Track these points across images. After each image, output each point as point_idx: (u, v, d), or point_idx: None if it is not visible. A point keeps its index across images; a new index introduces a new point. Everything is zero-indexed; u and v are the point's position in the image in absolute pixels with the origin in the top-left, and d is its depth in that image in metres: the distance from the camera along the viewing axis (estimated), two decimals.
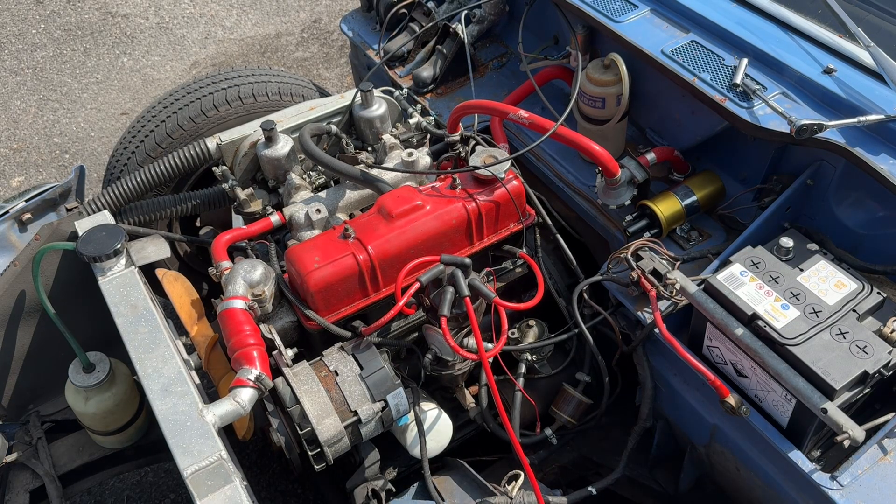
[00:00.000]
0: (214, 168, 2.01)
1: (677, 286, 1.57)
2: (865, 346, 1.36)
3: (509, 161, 1.74)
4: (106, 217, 1.83)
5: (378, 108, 2.00)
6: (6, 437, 1.93)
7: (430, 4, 2.43)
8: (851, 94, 1.59)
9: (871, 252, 1.61)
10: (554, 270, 1.92)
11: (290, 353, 1.65)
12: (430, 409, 1.74)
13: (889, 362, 1.35)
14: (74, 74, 4.35)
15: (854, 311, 1.43)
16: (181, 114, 2.20)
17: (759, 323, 1.42)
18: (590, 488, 1.76)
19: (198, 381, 1.59)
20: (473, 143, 1.96)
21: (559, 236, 1.88)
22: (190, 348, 1.78)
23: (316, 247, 1.63)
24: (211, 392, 1.73)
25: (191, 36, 4.59)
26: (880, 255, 1.59)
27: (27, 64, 4.45)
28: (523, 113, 1.77)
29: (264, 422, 1.60)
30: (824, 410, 1.32)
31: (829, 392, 1.33)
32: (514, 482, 1.67)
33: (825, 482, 1.37)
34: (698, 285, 1.53)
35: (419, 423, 1.69)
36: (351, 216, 1.93)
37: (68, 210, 1.94)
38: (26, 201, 1.91)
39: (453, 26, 2.32)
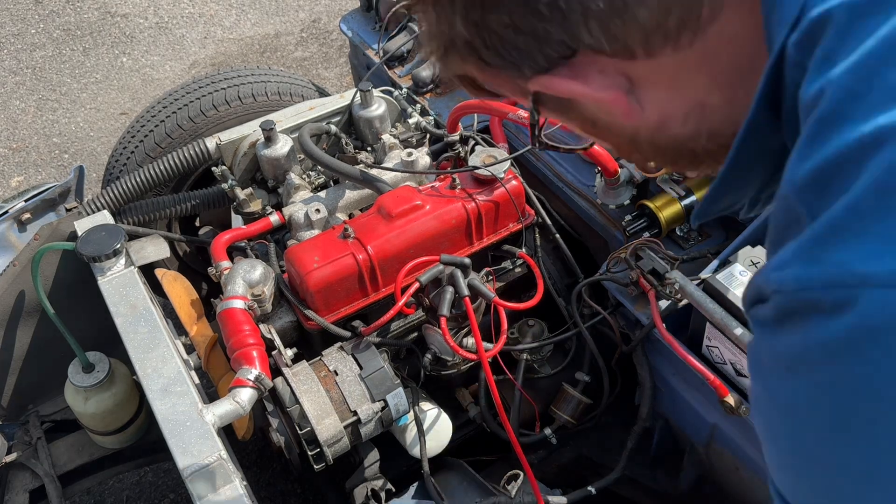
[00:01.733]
0: (214, 168, 2.01)
1: (676, 286, 1.57)
2: None
3: (509, 161, 1.74)
4: (105, 217, 1.83)
5: (377, 107, 2.00)
6: (6, 437, 1.93)
7: None
8: None
9: None
10: (553, 270, 1.92)
11: (289, 353, 1.65)
12: (430, 409, 1.74)
13: None
14: (74, 74, 4.35)
15: None
16: (180, 114, 2.20)
17: None
18: (589, 488, 1.76)
19: (197, 381, 1.59)
20: (473, 142, 1.96)
21: (558, 236, 1.88)
22: (189, 348, 1.78)
23: (315, 247, 1.63)
24: (211, 392, 1.73)
25: (190, 36, 4.59)
26: None
27: (26, 64, 4.44)
28: (523, 112, 1.77)
29: (264, 422, 1.60)
30: None
31: None
32: (513, 482, 1.67)
33: None
34: (698, 285, 1.53)
35: (419, 423, 1.69)
36: (350, 216, 1.93)
37: (68, 210, 1.94)
38: (26, 201, 1.90)
39: None
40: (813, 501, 0.51)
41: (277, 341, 1.62)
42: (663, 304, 1.61)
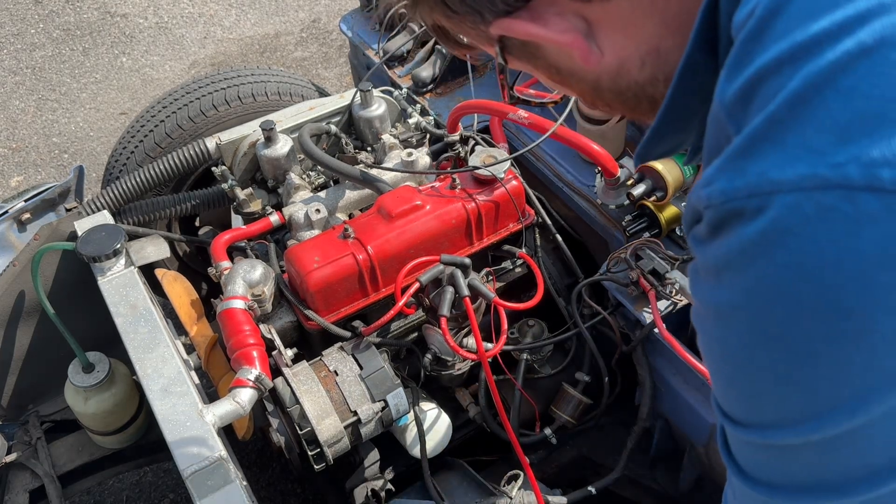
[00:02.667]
0: (214, 168, 2.01)
1: (677, 286, 1.58)
2: None
3: (509, 161, 1.74)
4: (105, 217, 1.83)
5: (377, 107, 2.00)
6: (6, 437, 1.93)
7: None
8: None
9: None
10: (553, 270, 1.92)
11: (289, 353, 1.65)
12: (430, 409, 1.74)
13: None
14: (73, 74, 4.35)
15: None
16: (180, 114, 2.20)
17: None
18: (589, 488, 1.76)
19: (197, 381, 1.59)
20: (473, 143, 1.96)
21: (559, 236, 1.88)
22: (189, 348, 1.78)
23: (315, 247, 1.63)
24: (211, 392, 1.73)
25: (190, 35, 4.59)
26: None
27: (26, 64, 4.44)
28: (523, 113, 1.77)
29: (264, 422, 1.60)
30: None
31: None
32: (513, 482, 1.67)
33: None
34: None
35: (419, 423, 1.69)
36: (350, 216, 1.93)
37: (67, 210, 1.94)
38: (25, 201, 1.90)
39: None
40: (740, 406, 0.52)
41: (277, 341, 1.62)
42: (663, 304, 1.61)
